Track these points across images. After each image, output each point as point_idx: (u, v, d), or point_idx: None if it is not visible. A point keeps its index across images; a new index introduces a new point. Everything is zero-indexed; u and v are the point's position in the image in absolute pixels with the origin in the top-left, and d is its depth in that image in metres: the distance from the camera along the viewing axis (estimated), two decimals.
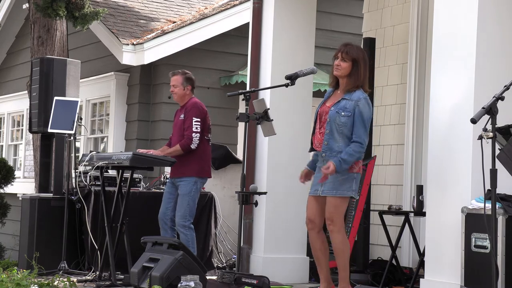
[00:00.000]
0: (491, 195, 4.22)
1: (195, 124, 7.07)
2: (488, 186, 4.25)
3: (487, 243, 4.77)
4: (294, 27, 7.49)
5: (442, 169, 5.35)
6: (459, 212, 5.03)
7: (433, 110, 5.52)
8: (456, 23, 5.37)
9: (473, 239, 4.89)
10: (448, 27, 5.44)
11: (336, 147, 5.56)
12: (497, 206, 4.44)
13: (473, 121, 4.21)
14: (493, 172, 4.21)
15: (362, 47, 8.16)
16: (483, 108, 4.22)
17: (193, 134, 7.05)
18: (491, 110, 4.21)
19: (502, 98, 4.24)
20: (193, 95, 7.34)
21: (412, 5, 7.99)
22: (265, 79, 7.41)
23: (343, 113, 5.56)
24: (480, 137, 4.23)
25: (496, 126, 4.22)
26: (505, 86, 4.29)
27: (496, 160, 4.25)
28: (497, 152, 4.31)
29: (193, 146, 7.05)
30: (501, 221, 4.74)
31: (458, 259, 5.00)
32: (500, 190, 4.42)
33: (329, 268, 5.89)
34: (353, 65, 5.67)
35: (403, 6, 8.13)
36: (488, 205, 4.35)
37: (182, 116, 7.20)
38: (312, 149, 5.82)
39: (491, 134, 4.19)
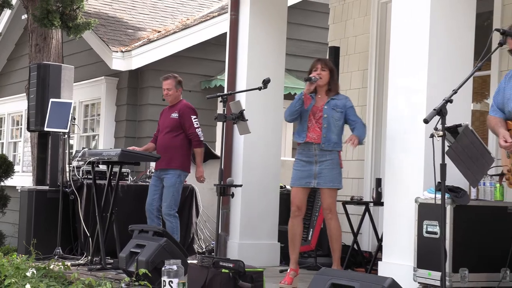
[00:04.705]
0: (441, 187, 4.27)
1: (194, 121, 7.24)
2: (438, 179, 4.29)
3: (437, 229, 4.81)
4: (267, 37, 7.50)
5: (398, 164, 5.38)
6: (413, 202, 5.06)
7: (390, 111, 5.55)
8: (410, 34, 5.41)
9: (425, 226, 4.92)
10: (403, 38, 5.48)
11: (333, 139, 5.88)
12: (446, 196, 4.49)
13: (426, 121, 4.25)
14: (443, 167, 4.25)
15: (328, 55, 8.21)
16: (434, 109, 4.26)
17: (197, 129, 7.23)
18: (441, 112, 4.25)
19: (451, 101, 4.28)
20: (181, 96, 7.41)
21: (372, 18, 8.04)
22: (241, 83, 7.41)
23: (337, 109, 5.91)
24: (432, 136, 4.28)
25: (445, 125, 4.27)
26: (453, 90, 4.34)
27: (446, 156, 4.30)
28: (446, 148, 4.36)
29: (202, 139, 7.27)
30: (449, 209, 4.78)
31: (412, 243, 5.03)
32: (448, 182, 4.46)
33: (299, 252, 6.05)
34: (331, 74, 5.99)
35: (364, 18, 8.18)
36: (438, 196, 4.39)
37: (174, 115, 7.24)
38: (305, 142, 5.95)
39: (441, 133, 4.23)
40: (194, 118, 7.21)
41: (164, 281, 5.07)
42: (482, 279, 4.87)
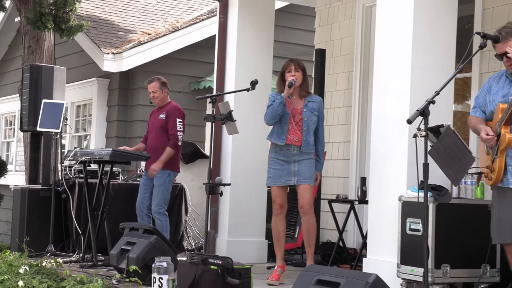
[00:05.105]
0: (423, 185, 4.29)
1: (178, 124, 7.15)
2: (421, 178, 4.31)
3: (420, 226, 4.83)
4: (255, 39, 7.51)
5: (382, 163, 5.39)
6: (396, 200, 5.08)
7: (375, 112, 5.56)
8: (394, 37, 5.42)
9: (408, 223, 4.94)
10: (387, 40, 5.50)
11: (311, 141, 5.91)
12: (428, 195, 4.51)
13: (409, 121, 4.27)
14: (425, 166, 4.28)
15: (314, 57, 8.22)
16: (417, 110, 4.28)
17: (178, 132, 7.13)
18: (424, 112, 4.27)
19: (433, 102, 4.31)
20: (169, 97, 7.38)
21: (357, 21, 8.06)
22: (230, 84, 7.41)
23: (314, 113, 5.93)
24: (415, 136, 4.29)
25: (428, 126, 4.29)
26: (436, 92, 4.36)
27: (428, 155, 4.32)
28: (429, 148, 4.38)
29: (179, 143, 7.15)
30: (431, 207, 4.80)
31: (395, 240, 5.05)
32: (431, 181, 4.48)
33: (284, 249, 6.05)
34: (303, 74, 6.00)
35: (349, 22, 8.20)
36: (421, 194, 4.41)
37: (162, 116, 7.22)
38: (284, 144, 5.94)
39: (424, 133, 4.25)
40: (179, 121, 7.16)
41: (154, 277, 5.07)
42: (463, 275, 4.89)
